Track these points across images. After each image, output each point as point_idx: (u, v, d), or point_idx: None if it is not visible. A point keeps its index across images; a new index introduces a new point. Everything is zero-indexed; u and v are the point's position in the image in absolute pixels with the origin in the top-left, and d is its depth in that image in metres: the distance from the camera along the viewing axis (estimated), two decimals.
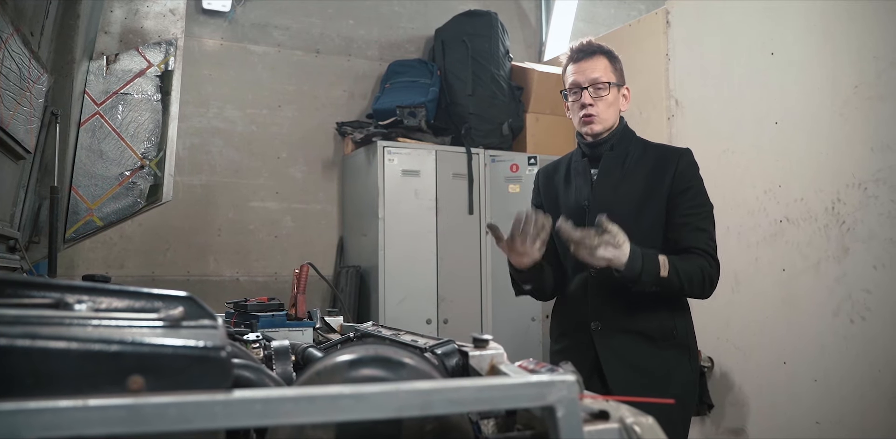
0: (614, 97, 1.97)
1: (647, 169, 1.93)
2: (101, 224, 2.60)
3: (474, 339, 1.00)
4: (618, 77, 1.99)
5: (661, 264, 1.72)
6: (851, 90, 2.75)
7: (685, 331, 1.91)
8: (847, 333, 2.71)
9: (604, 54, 1.99)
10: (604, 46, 2.02)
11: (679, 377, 1.86)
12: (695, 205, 1.88)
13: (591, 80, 1.95)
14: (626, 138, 2.00)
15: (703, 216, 1.88)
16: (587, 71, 1.97)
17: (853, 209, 2.72)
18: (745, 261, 3.15)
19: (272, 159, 4.59)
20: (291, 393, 0.58)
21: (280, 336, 1.67)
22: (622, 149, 1.98)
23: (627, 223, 1.83)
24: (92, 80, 2.58)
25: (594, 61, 1.97)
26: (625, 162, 1.96)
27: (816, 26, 2.90)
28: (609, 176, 1.96)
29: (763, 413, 3.06)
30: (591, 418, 0.73)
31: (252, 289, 4.28)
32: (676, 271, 1.74)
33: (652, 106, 3.77)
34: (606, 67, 1.97)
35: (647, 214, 1.89)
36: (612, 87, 1.96)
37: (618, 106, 1.99)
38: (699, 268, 1.79)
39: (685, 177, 1.89)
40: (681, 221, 1.86)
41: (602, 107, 1.95)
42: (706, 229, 1.87)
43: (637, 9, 5.85)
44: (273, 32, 4.67)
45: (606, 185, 1.95)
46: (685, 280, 1.76)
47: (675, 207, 1.87)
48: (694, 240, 1.84)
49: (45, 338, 0.60)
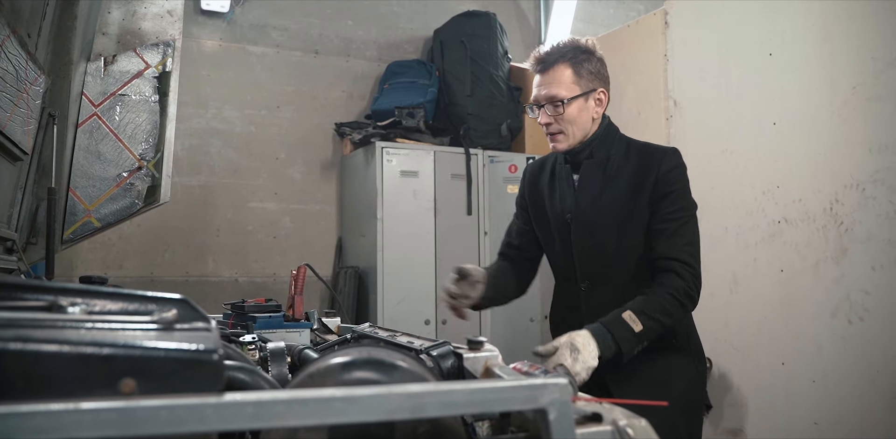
0: (579, 109, 1.83)
1: (629, 173, 1.84)
2: (99, 225, 2.60)
3: (469, 341, 1.00)
4: (585, 84, 1.84)
5: (630, 321, 1.62)
6: (850, 91, 2.75)
7: (685, 335, 1.87)
8: (845, 334, 2.71)
9: (567, 61, 1.83)
10: (567, 50, 1.84)
11: (680, 382, 1.82)
12: (674, 210, 1.79)
13: (549, 97, 1.82)
14: (607, 142, 1.90)
15: (683, 221, 1.79)
16: (544, 86, 1.83)
17: (851, 210, 2.72)
18: (744, 262, 3.15)
19: (271, 160, 4.59)
20: (283, 396, 0.58)
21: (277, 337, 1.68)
22: (603, 154, 1.88)
23: (611, 237, 1.83)
24: (89, 81, 2.58)
25: (554, 73, 1.83)
26: (606, 168, 1.87)
27: (815, 27, 2.90)
28: (589, 187, 1.88)
29: (761, 413, 3.06)
30: (584, 420, 0.73)
31: (251, 290, 4.28)
32: (649, 317, 1.64)
33: (650, 106, 3.77)
34: (569, 78, 1.82)
35: (631, 226, 1.82)
36: (574, 100, 1.81)
37: (588, 115, 1.86)
38: (668, 294, 1.69)
39: (667, 181, 1.80)
40: (659, 227, 1.79)
41: (564, 124, 1.83)
42: (683, 235, 1.78)
43: (636, 9, 5.85)
44: (272, 33, 4.67)
45: (587, 198, 1.87)
46: (663, 317, 1.67)
47: (655, 212, 1.80)
48: (667, 248, 1.76)
49: (38, 341, 0.60)
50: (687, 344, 1.88)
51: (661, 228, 1.78)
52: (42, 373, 0.59)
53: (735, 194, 3.21)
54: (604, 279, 1.87)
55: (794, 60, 2.98)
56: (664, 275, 1.74)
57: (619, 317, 1.63)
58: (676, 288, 1.70)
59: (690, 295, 1.73)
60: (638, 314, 1.63)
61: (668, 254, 1.76)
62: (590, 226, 1.86)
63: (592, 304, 1.86)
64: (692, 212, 1.83)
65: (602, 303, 1.82)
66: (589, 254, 1.88)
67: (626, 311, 1.64)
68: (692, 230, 1.81)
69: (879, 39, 2.66)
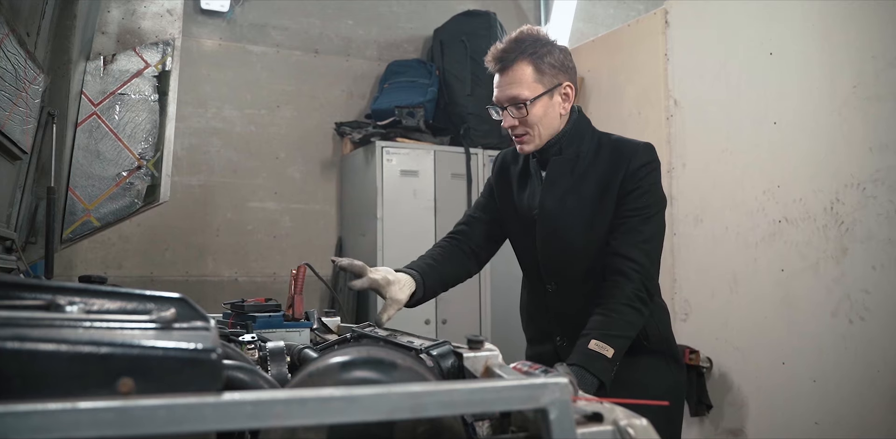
0: (543, 109, 1.73)
1: (599, 171, 1.75)
2: (99, 224, 2.60)
3: (469, 341, 1.00)
4: (548, 80, 1.73)
5: (600, 349, 1.54)
6: (850, 90, 2.74)
7: (658, 337, 1.79)
8: (846, 333, 2.71)
9: (527, 57, 1.71)
10: (526, 45, 1.72)
11: (657, 383, 1.76)
12: (638, 207, 1.71)
13: (510, 99, 1.72)
14: (578, 136, 1.79)
15: (645, 216, 1.71)
16: (506, 87, 1.72)
17: (852, 209, 2.72)
18: (744, 262, 3.14)
19: (271, 159, 4.59)
20: (282, 396, 0.58)
21: (277, 337, 1.67)
22: (572, 150, 1.78)
23: (576, 238, 1.75)
24: (89, 80, 2.58)
25: (514, 72, 1.72)
26: (575, 165, 1.77)
27: (815, 26, 2.89)
28: (556, 185, 1.78)
29: (762, 413, 3.06)
30: (585, 420, 0.73)
31: (251, 290, 4.28)
32: (614, 337, 1.57)
33: (651, 106, 3.76)
34: (530, 76, 1.71)
35: (597, 227, 1.74)
36: (537, 100, 1.71)
37: (555, 112, 1.75)
38: (622, 305, 1.62)
39: (635, 177, 1.71)
40: (619, 222, 1.72)
41: (528, 125, 1.73)
42: (642, 231, 1.69)
43: (636, 9, 5.85)
44: (272, 32, 4.67)
45: (553, 196, 1.78)
46: (628, 331, 1.61)
47: (619, 206, 1.72)
48: (621, 244, 1.69)
49: (35, 341, 0.59)
50: (661, 345, 1.80)
51: (621, 223, 1.71)
52: (39, 373, 0.58)
53: (735, 194, 3.21)
54: (570, 281, 1.80)
55: (794, 60, 2.98)
56: (612, 281, 1.67)
57: (587, 349, 1.54)
58: (627, 296, 1.63)
59: (641, 297, 1.65)
60: (603, 339, 1.56)
61: (620, 250, 1.68)
62: (555, 225, 1.78)
63: (558, 306, 1.82)
64: (658, 209, 1.74)
65: (569, 307, 1.78)
66: (554, 254, 1.80)
67: (590, 341, 1.55)
68: (654, 227, 1.72)
69: (879, 38, 2.66)
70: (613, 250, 1.70)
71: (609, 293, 1.65)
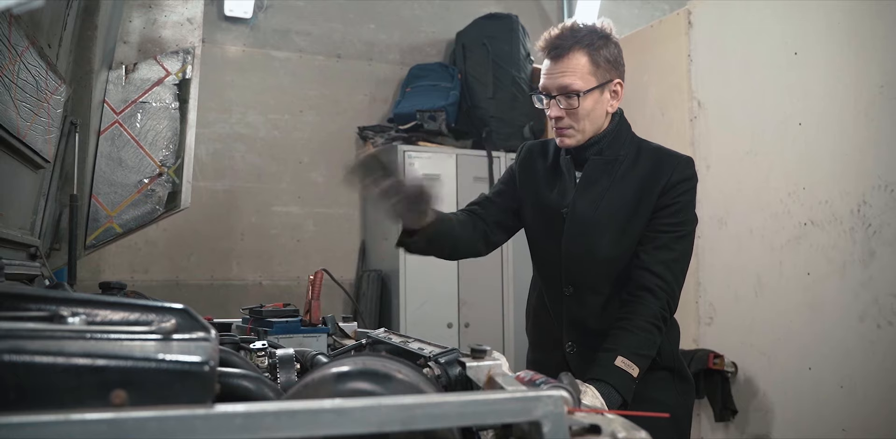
0: (593, 103, 1.67)
1: (638, 177, 1.70)
2: (121, 230, 2.64)
3: (472, 350, 1.00)
4: (602, 74, 1.67)
5: (626, 367, 1.51)
6: (877, 90, 2.69)
7: (669, 354, 1.74)
8: (874, 338, 2.65)
9: (583, 48, 1.65)
10: (583, 35, 1.66)
11: (665, 400, 1.71)
12: (673, 223, 1.67)
13: (561, 87, 1.66)
14: (619, 139, 1.74)
15: (679, 234, 1.68)
16: (558, 75, 1.65)
17: (879, 211, 2.66)
18: (769, 265, 3.10)
19: (294, 164, 4.63)
20: (272, 408, 0.58)
21: (294, 342, 1.68)
22: (612, 152, 1.73)
23: (603, 242, 1.70)
24: (111, 89, 2.62)
25: (569, 61, 1.65)
26: (613, 168, 1.72)
27: (840, 25, 2.84)
28: (591, 186, 1.73)
29: (788, 419, 3.01)
30: (583, 432, 0.72)
31: (275, 293, 4.32)
32: (641, 356, 1.55)
33: (674, 107, 3.72)
34: (584, 67, 1.65)
35: (628, 234, 1.69)
36: (590, 93, 1.65)
37: (602, 109, 1.70)
38: (648, 323, 1.59)
39: (675, 191, 1.67)
40: (652, 235, 1.68)
41: (576, 118, 1.67)
42: (674, 249, 1.66)
43: (661, 9, 5.79)
44: (294, 38, 4.71)
45: (587, 198, 1.73)
46: (651, 351, 1.59)
47: (653, 219, 1.68)
48: (651, 259, 1.65)
49: (31, 353, 0.60)
50: (671, 362, 1.76)
51: (653, 237, 1.68)
52: (35, 385, 0.59)
53: (760, 196, 3.16)
54: (590, 286, 1.75)
55: (819, 59, 2.93)
56: (639, 296, 1.63)
57: (613, 365, 1.51)
58: (654, 314, 1.60)
59: (665, 316, 1.63)
60: (630, 357, 1.53)
61: (650, 266, 1.64)
62: (585, 227, 1.72)
63: (573, 311, 1.76)
64: (691, 228, 1.72)
65: (584, 312, 1.74)
66: (579, 256, 1.74)
67: (617, 357, 1.52)
68: (685, 246, 1.70)
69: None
70: (643, 264, 1.66)
71: (635, 309, 1.62)
